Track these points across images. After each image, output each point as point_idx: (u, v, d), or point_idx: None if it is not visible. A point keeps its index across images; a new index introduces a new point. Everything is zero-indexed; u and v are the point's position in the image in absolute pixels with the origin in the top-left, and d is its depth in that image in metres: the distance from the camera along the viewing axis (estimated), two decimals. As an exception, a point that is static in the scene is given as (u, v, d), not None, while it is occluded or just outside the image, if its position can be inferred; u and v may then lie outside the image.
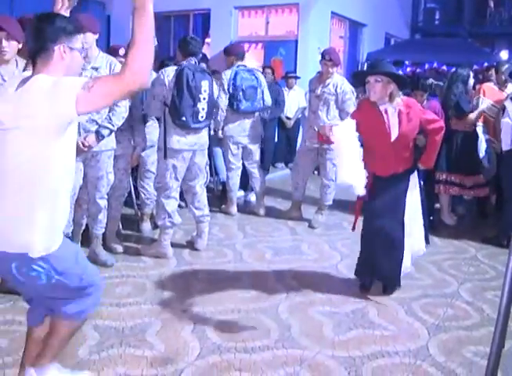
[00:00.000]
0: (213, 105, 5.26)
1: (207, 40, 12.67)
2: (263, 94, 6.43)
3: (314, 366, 3.31)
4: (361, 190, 4.00)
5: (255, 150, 6.69)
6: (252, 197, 7.30)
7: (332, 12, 12.66)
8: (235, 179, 6.80)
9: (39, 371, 2.79)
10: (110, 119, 4.54)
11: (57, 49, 2.41)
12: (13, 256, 2.41)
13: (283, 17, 12.40)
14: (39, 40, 2.41)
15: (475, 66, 11.78)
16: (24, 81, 2.37)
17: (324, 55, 6.22)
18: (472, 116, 6.48)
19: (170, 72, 5.00)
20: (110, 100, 2.32)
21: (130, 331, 3.66)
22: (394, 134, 4.24)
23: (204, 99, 5.05)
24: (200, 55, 5.39)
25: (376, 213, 4.36)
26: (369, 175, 4.10)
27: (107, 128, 4.52)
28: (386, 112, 4.25)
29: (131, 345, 3.48)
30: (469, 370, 3.33)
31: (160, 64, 7.02)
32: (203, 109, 5.06)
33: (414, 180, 4.43)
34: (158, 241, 5.23)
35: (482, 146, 6.66)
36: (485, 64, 12.09)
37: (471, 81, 6.70)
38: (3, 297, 4.06)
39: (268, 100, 6.60)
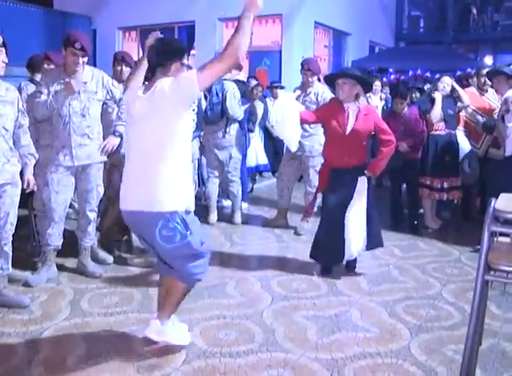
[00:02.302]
0: (202, 116, 5.35)
1: (192, 52, 12.77)
2: (222, 106, 6.43)
3: (297, 369, 3.38)
4: (293, 148, 5.17)
5: (225, 159, 6.74)
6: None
7: (315, 22, 12.81)
8: (211, 188, 6.89)
9: (161, 323, 3.55)
10: (120, 117, 4.83)
11: (173, 65, 3.27)
12: (154, 216, 3.19)
13: (267, 28, 12.55)
14: (161, 58, 3.28)
15: (459, 72, 11.92)
16: (148, 87, 3.29)
17: (303, 64, 6.36)
18: (433, 113, 6.54)
19: None
20: (217, 76, 3.20)
21: (117, 339, 3.73)
22: (350, 128, 4.89)
23: (194, 110, 5.17)
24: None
25: (332, 202, 4.97)
26: (328, 168, 5.04)
27: (120, 125, 4.79)
28: (348, 109, 4.91)
29: (118, 352, 3.54)
30: (449, 368, 3.41)
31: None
32: (193, 120, 5.17)
33: (363, 186, 4.94)
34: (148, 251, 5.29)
35: (464, 149, 6.75)
36: (468, 70, 12.25)
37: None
38: (-8, 309, 4.12)
39: (233, 111, 6.52)
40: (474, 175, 6.83)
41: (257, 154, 8.63)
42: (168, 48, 3.34)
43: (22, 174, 4.28)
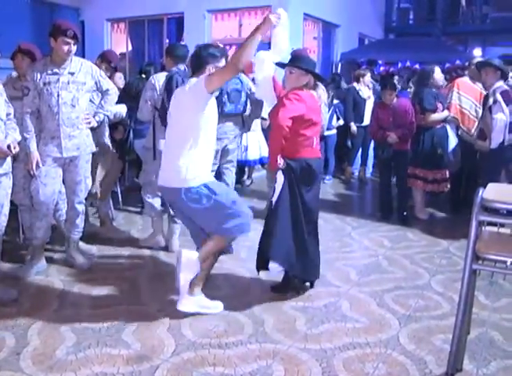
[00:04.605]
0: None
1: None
2: (247, 97, 6.41)
3: (286, 359, 3.39)
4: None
5: (232, 150, 6.69)
6: None
7: (304, 14, 12.78)
8: None
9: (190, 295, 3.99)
10: (102, 106, 4.97)
11: (207, 69, 3.87)
12: (180, 188, 3.79)
13: (256, 19, 12.47)
14: (199, 62, 3.93)
15: (448, 64, 11.92)
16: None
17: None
18: (432, 117, 6.61)
19: (160, 78, 5.21)
20: (222, 81, 3.76)
21: (106, 331, 3.72)
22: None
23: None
24: (187, 60, 5.52)
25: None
26: None
27: (101, 113, 4.96)
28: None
29: (107, 344, 3.54)
30: (437, 357, 3.43)
31: (139, 71, 7.09)
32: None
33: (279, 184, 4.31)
34: (153, 232, 5.62)
35: (451, 143, 6.79)
36: (457, 62, 12.27)
37: (438, 76, 6.78)
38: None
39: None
40: (457, 163, 6.87)
41: (261, 147, 8.55)
42: (204, 54, 3.93)
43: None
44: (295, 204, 4.29)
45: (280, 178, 4.28)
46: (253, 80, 6.27)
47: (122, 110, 5.73)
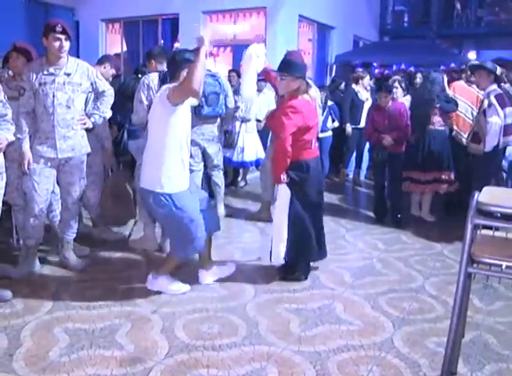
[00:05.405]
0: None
1: (175, 44, 12.69)
2: (225, 99, 6.36)
3: (280, 362, 3.38)
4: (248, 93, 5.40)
5: (214, 153, 6.59)
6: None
7: (300, 16, 12.79)
8: (195, 180, 6.78)
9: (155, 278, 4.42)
10: (98, 107, 4.89)
11: (183, 73, 4.08)
12: (150, 191, 4.13)
13: (251, 21, 12.51)
14: (174, 66, 4.21)
15: (442, 67, 11.97)
16: None
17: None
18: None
19: (154, 77, 5.17)
20: (182, 99, 4.01)
21: (100, 333, 3.70)
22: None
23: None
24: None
25: None
26: None
27: (96, 114, 4.88)
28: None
29: (100, 346, 3.52)
30: (431, 360, 3.43)
31: (135, 72, 7.08)
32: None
33: (284, 191, 4.52)
34: (144, 235, 5.55)
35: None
36: (452, 65, 12.31)
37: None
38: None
39: (232, 104, 6.47)
40: None
41: (257, 149, 8.48)
42: (178, 59, 4.18)
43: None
44: (304, 201, 4.56)
45: (285, 191, 4.50)
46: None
47: (107, 115, 5.68)
